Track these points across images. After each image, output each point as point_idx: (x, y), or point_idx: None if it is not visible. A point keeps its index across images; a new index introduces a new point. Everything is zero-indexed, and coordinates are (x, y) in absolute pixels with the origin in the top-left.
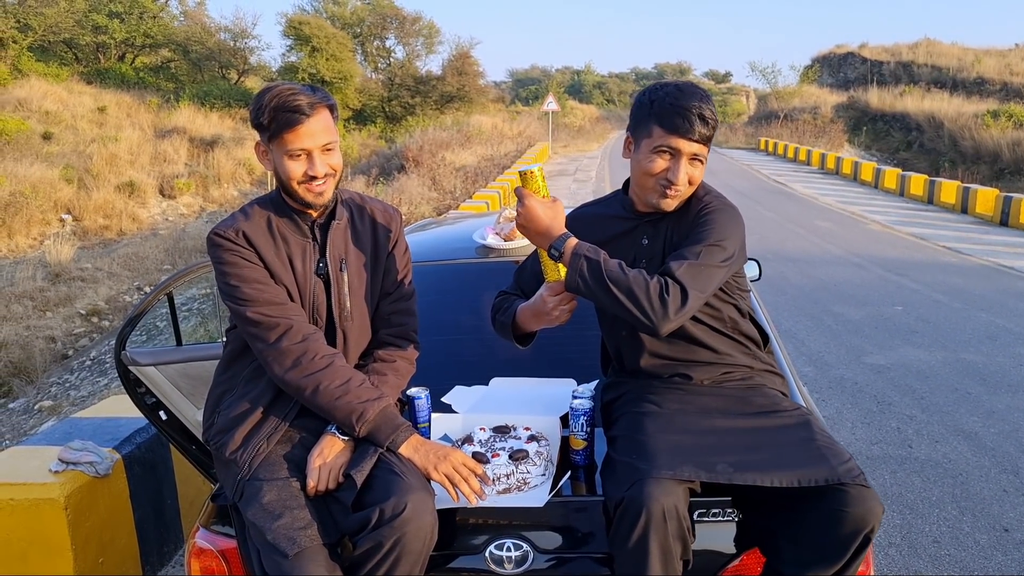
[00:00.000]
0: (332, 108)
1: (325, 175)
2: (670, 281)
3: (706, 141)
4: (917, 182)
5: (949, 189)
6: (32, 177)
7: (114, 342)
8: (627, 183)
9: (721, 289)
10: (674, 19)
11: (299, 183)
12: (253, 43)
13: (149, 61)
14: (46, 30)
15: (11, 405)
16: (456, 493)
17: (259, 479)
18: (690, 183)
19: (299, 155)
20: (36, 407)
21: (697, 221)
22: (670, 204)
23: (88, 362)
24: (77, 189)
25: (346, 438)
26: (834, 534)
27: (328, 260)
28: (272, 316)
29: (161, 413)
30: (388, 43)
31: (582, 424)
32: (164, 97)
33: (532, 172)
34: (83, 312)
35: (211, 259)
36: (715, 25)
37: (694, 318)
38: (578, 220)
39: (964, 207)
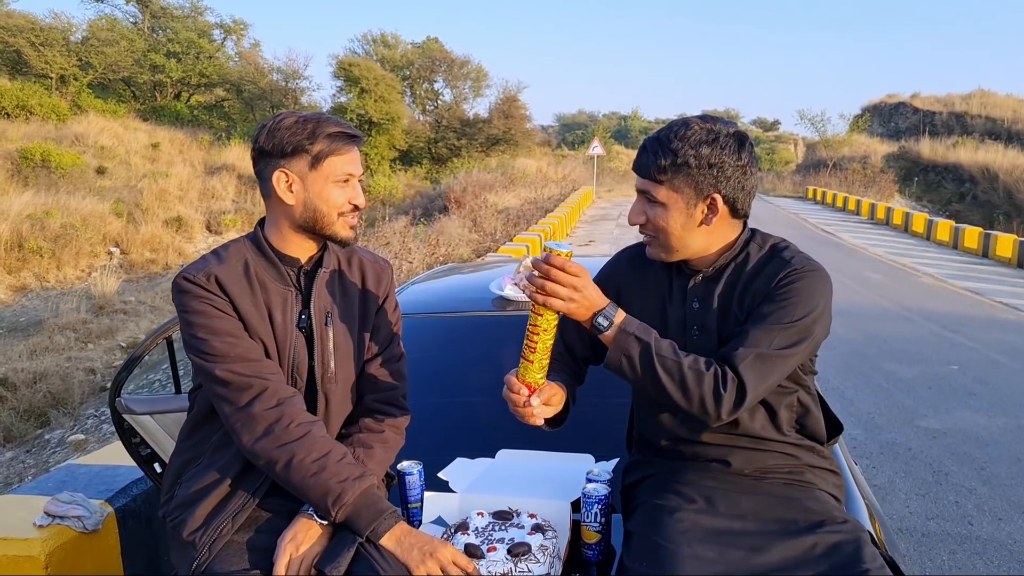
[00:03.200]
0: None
1: (360, 208)
2: (729, 374)
3: (649, 175)
4: (971, 235)
5: (1005, 243)
6: (83, 210)
7: (108, 388)
8: None
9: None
10: (723, 66)
11: (340, 214)
12: (304, 84)
13: (203, 99)
14: (106, 68)
15: (47, 436)
16: None
17: (214, 572)
18: (654, 227)
19: (346, 181)
20: (68, 440)
21: (776, 289)
22: (651, 253)
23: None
24: (126, 223)
25: (324, 522)
26: None
27: (312, 312)
28: (244, 375)
29: (156, 465)
30: (436, 85)
31: (595, 514)
32: (216, 135)
33: (561, 253)
34: (123, 345)
35: (176, 307)
36: (764, 73)
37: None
38: (623, 264)
39: (1021, 261)
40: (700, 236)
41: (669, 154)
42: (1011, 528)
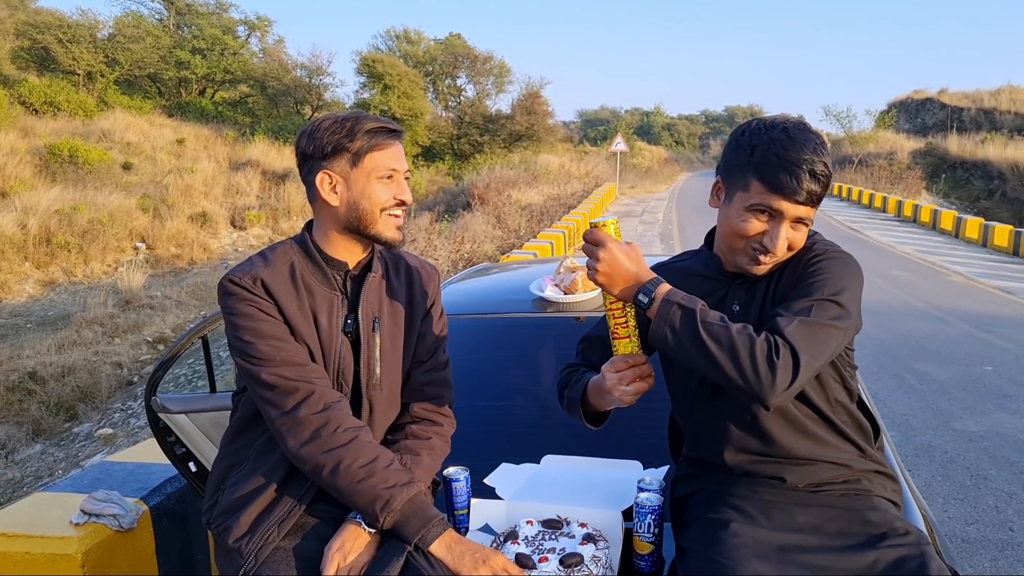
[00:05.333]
0: None
1: (407, 202)
2: (779, 340)
3: (816, 201)
4: (1001, 232)
5: None
6: (110, 205)
7: (144, 387)
8: (709, 237)
9: (831, 362)
10: (747, 61)
11: (384, 209)
12: (328, 80)
13: (228, 96)
14: (132, 65)
15: (75, 429)
16: None
17: None
18: (790, 248)
19: (389, 177)
20: (97, 434)
21: (805, 272)
22: (762, 270)
23: None
24: (152, 218)
25: (372, 530)
26: None
27: (360, 317)
28: (290, 379)
29: (191, 464)
30: (459, 82)
31: (649, 524)
32: (240, 131)
33: (606, 224)
34: (150, 339)
35: (222, 309)
36: (788, 68)
37: (797, 397)
38: (663, 272)
39: None
40: None
41: (826, 178)
42: None
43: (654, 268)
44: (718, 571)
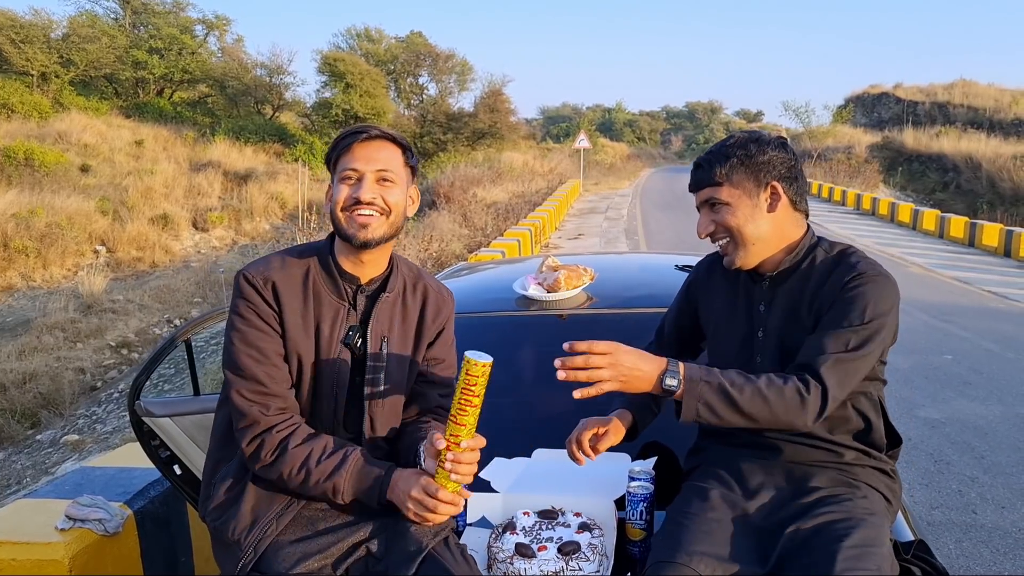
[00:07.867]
0: (403, 148)
1: (371, 202)
2: (811, 382)
3: (710, 181)
4: (957, 224)
5: (991, 232)
6: (68, 209)
7: (127, 392)
8: None
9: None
10: (706, 57)
11: (342, 209)
12: (288, 79)
13: (187, 96)
14: (88, 65)
15: (39, 437)
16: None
17: (261, 572)
18: (725, 228)
19: (349, 177)
20: (62, 440)
21: (844, 294)
22: (728, 261)
23: (116, 395)
24: (112, 221)
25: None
26: None
27: (369, 335)
28: (247, 400)
29: (176, 467)
30: (421, 80)
31: (641, 512)
32: (200, 131)
33: (488, 365)
34: (113, 344)
35: (232, 299)
36: (748, 64)
37: None
38: (701, 273)
39: (1007, 250)
40: (769, 225)
41: (723, 158)
42: (1015, 516)
43: (701, 263)
44: (676, 527)
